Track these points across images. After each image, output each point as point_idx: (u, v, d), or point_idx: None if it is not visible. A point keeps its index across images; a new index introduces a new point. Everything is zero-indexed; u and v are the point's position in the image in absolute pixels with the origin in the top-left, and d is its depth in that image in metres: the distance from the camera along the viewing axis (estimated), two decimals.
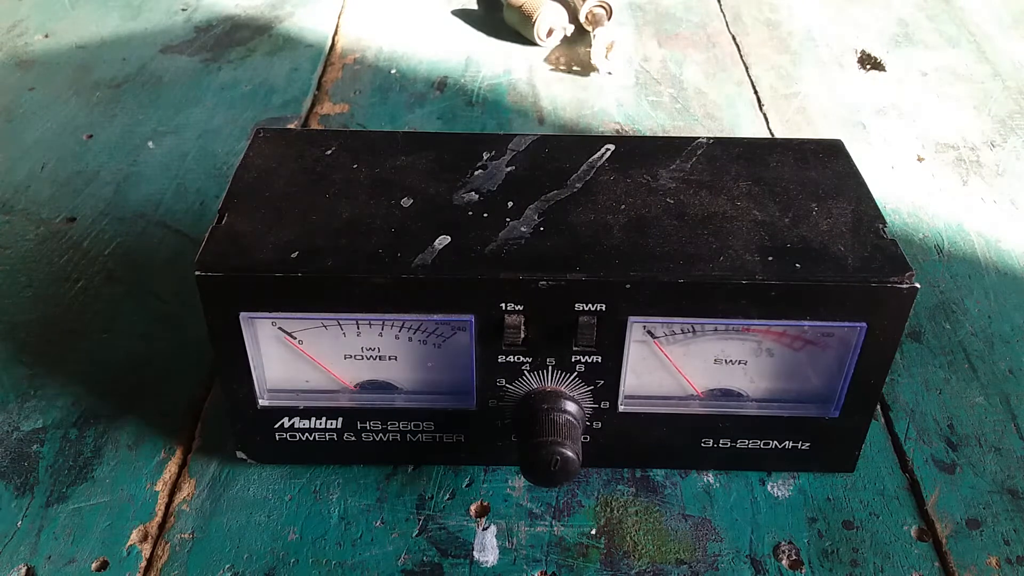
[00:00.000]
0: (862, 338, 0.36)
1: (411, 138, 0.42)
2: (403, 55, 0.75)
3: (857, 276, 0.35)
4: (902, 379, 0.47)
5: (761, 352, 0.38)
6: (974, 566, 0.38)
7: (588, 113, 0.68)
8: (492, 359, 0.37)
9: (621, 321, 0.36)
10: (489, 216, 0.37)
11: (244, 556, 0.38)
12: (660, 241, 0.36)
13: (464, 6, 0.82)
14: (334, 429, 0.40)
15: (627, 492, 0.41)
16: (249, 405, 0.39)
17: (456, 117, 0.67)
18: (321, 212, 0.37)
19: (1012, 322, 0.50)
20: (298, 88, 0.70)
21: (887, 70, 0.73)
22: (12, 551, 0.38)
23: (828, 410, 0.39)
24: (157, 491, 0.41)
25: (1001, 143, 0.65)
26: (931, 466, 0.42)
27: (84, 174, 0.61)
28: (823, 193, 0.39)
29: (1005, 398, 0.46)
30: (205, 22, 0.79)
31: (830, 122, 0.67)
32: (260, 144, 0.42)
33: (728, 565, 0.38)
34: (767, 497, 0.41)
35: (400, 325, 0.37)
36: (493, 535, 0.39)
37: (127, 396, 0.45)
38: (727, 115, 0.67)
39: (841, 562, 0.38)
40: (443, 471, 0.42)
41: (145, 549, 0.39)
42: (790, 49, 0.76)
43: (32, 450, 0.43)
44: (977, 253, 0.55)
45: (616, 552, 0.39)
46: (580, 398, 0.38)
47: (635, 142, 0.42)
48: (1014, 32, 0.79)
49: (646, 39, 0.78)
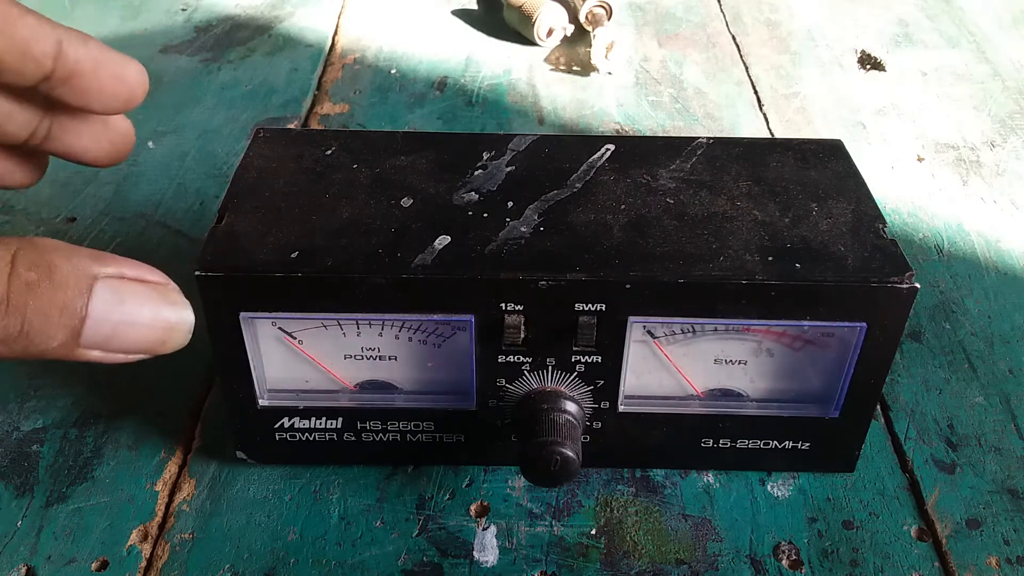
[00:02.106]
0: (862, 338, 0.36)
1: (411, 138, 0.42)
2: (403, 55, 0.75)
3: (857, 276, 0.35)
4: (902, 379, 0.47)
5: (761, 352, 0.38)
6: (974, 566, 0.38)
7: (588, 113, 0.68)
8: (492, 359, 0.37)
9: (621, 321, 0.36)
10: (489, 216, 0.37)
11: (244, 556, 0.38)
12: (660, 241, 0.36)
13: (464, 6, 0.82)
14: (334, 429, 0.40)
15: (627, 492, 0.41)
16: (249, 405, 0.39)
17: (456, 117, 0.67)
18: (321, 212, 0.37)
19: (1012, 322, 0.50)
20: (298, 88, 0.70)
21: (887, 70, 0.73)
22: (12, 551, 0.38)
23: (828, 410, 0.39)
24: (157, 491, 0.41)
25: (1001, 143, 0.65)
26: (931, 466, 0.42)
27: (84, 174, 0.61)
28: (823, 193, 0.39)
29: (1005, 398, 0.46)
30: (205, 22, 0.79)
31: (830, 122, 0.67)
32: (260, 144, 0.42)
33: (728, 565, 0.38)
34: (767, 497, 0.41)
35: (400, 325, 0.37)
36: (493, 535, 0.39)
37: (127, 396, 0.45)
38: (727, 115, 0.67)
39: (841, 562, 0.38)
40: (443, 471, 0.42)
41: (145, 549, 0.39)
42: (790, 49, 0.76)
43: (32, 450, 0.43)
44: (977, 253, 0.55)
45: (616, 552, 0.39)
46: (580, 398, 0.38)
47: (635, 142, 0.42)
48: (1014, 32, 0.79)
49: (646, 39, 0.78)
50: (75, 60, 0.37)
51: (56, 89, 0.38)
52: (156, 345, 0.33)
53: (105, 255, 0.32)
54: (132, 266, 0.32)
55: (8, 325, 0.30)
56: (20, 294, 0.30)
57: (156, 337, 0.33)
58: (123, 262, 0.32)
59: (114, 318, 0.32)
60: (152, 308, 0.33)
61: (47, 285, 0.30)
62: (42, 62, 0.37)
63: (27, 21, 0.36)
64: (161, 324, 0.33)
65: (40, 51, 0.36)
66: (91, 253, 0.32)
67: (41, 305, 0.30)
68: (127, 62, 0.39)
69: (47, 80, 0.38)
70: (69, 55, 0.37)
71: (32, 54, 0.36)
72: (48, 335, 0.30)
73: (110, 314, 0.31)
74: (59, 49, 0.37)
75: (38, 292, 0.30)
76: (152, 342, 0.33)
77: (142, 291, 0.32)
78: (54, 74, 0.37)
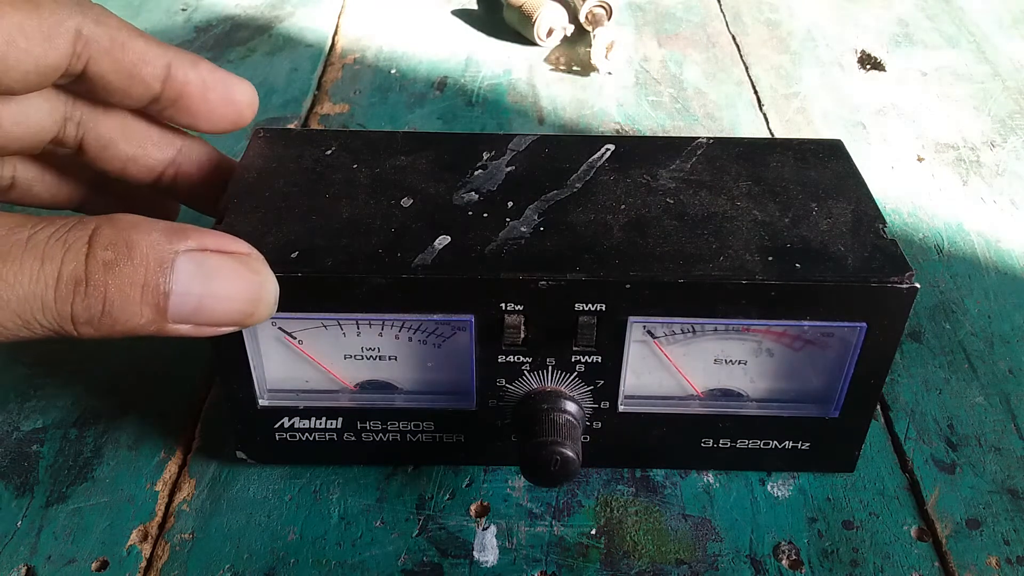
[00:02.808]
0: (862, 338, 0.36)
1: (411, 138, 0.42)
2: (403, 55, 0.75)
3: (857, 276, 0.35)
4: (902, 379, 0.47)
5: (761, 352, 0.38)
6: (974, 566, 0.38)
7: (588, 113, 0.68)
8: (492, 359, 0.37)
9: (621, 321, 0.36)
10: (489, 216, 0.37)
11: (244, 556, 0.38)
12: (660, 241, 0.36)
13: (464, 6, 0.82)
14: (334, 429, 0.40)
15: (627, 492, 0.41)
16: (249, 405, 0.39)
17: (456, 117, 0.67)
18: (321, 212, 0.37)
19: (1012, 322, 0.50)
20: (298, 88, 0.70)
21: (887, 70, 0.73)
22: (12, 551, 0.38)
23: (828, 410, 0.39)
24: (157, 491, 0.41)
25: (1001, 143, 0.65)
26: (931, 466, 0.42)
27: None
28: (823, 193, 0.39)
29: (1005, 398, 0.46)
30: (205, 22, 0.79)
31: (830, 122, 0.67)
32: (260, 144, 0.42)
33: (728, 565, 0.38)
34: (767, 497, 0.41)
35: (400, 325, 0.37)
36: (493, 535, 0.39)
37: (127, 396, 0.45)
38: (727, 115, 0.67)
39: (841, 562, 0.38)
40: (443, 471, 0.42)
41: (145, 549, 0.39)
42: (790, 49, 0.76)
43: (32, 450, 0.43)
44: (977, 253, 0.55)
45: (616, 552, 0.39)
46: (580, 398, 0.38)
47: (635, 142, 0.42)
48: (1014, 32, 0.79)
49: (646, 39, 0.78)
50: (183, 82, 0.38)
51: (166, 110, 0.39)
52: (243, 317, 0.33)
53: (187, 227, 0.32)
54: (214, 237, 0.32)
55: (90, 305, 0.30)
56: (98, 274, 0.30)
57: (243, 309, 0.33)
58: (205, 233, 0.32)
59: (198, 291, 0.31)
60: (237, 279, 0.32)
61: (126, 263, 0.30)
62: (151, 84, 0.38)
63: (137, 44, 0.36)
64: (247, 295, 0.33)
65: (149, 73, 0.37)
66: (171, 226, 0.31)
67: (121, 284, 0.30)
68: (236, 83, 0.40)
69: (156, 101, 0.38)
70: (178, 77, 0.38)
71: (140, 76, 0.37)
72: (132, 312, 0.30)
73: (194, 288, 0.31)
74: (168, 72, 0.38)
75: (116, 271, 0.30)
76: (239, 314, 0.33)
77: (225, 263, 0.32)
78: (163, 95, 0.38)
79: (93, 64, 0.35)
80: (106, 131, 0.39)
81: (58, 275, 0.29)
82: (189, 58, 0.38)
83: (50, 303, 0.29)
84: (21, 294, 0.29)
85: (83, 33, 0.34)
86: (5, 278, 0.28)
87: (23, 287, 0.29)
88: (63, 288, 0.29)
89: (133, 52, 0.36)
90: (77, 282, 0.29)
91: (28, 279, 0.29)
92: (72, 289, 0.29)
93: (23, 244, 0.29)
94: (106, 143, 0.39)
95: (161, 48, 0.37)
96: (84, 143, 0.39)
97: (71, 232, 0.30)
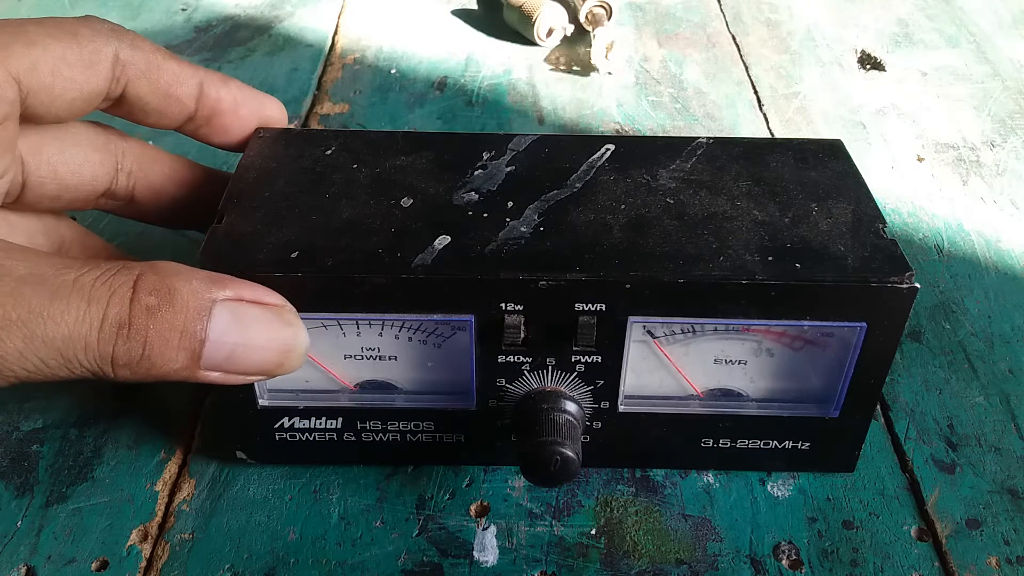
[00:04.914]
0: (862, 338, 0.36)
1: (411, 138, 0.42)
2: (403, 55, 0.75)
3: (857, 276, 0.35)
4: (902, 379, 0.47)
5: (761, 352, 0.38)
6: (974, 566, 0.38)
7: (588, 113, 0.68)
8: (492, 359, 0.37)
9: (621, 321, 0.36)
10: (489, 216, 0.37)
11: (244, 556, 0.38)
12: (660, 241, 0.36)
13: (464, 6, 0.82)
14: (334, 429, 0.40)
15: (627, 492, 0.41)
16: (249, 405, 0.39)
17: (456, 117, 0.67)
18: (321, 212, 0.37)
19: (1012, 322, 0.50)
20: (298, 88, 0.70)
21: (887, 70, 0.73)
22: (12, 551, 0.38)
23: (828, 410, 0.39)
24: (157, 491, 0.41)
25: (1001, 143, 0.65)
26: (931, 466, 0.42)
27: None
28: (823, 193, 0.39)
29: (1005, 398, 0.46)
30: (205, 22, 0.79)
31: (830, 122, 0.67)
32: (260, 144, 0.42)
33: (728, 565, 0.38)
34: (767, 497, 0.41)
35: (400, 325, 0.37)
36: (493, 535, 0.39)
37: (127, 396, 0.45)
38: (727, 115, 0.67)
39: (841, 562, 0.38)
40: (443, 471, 0.42)
41: (145, 549, 0.39)
42: (790, 49, 0.76)
43: (32, 450, 0.43)
44: (977, 253, 0.55)
45: (616, 552, 0.39)
46: (580, 398, 0.38)
47: (635, 142, 0.42)
48: (1014, 32, 0.79)
49: (646, 39, 0.78)
50: (216, 99, 0.40)
51: (200, 128, 0.40)
52: (273, 367, 0.34)
53: (225, 278, 0.33)
54: (250, 288, 0.33)
55: (131, 349, 0.30)
56: (141, 319, 0.30)
57: (273, 359, 0.34)
58: (241, 284, 0.33)
59: (232, 340, 0.32)
60: (269, 330, 0.33)
61: (167, 309, 0.31)
62: (185, 103, 0.39)
63: (170, 65, 0.38)
64: (278, 346, 0.33)
65: (184, 92, 0.39)
66: (210, 276, 0.32)
67: (161, 329, 0.31)
68: (265, 100, 0.42)
69: (191, 120, 0.39)
70: (210, 95, 0.40)
71: (176, 95, 0.39)
72: (169, 358, 0.31)
73: (228, 336, 0.32)
74: (200, 91, 0.39)
75: (158, 316, 0.31)
76: (270, 364, 0.34)
77: (259, 313, 0.33)
78: (197, 114, 0.40)
79: (131, 87, 0.37)
80: (156, 179, 0.41)
81: (103, 317, 0.30)
82: (219, 77, 0.40)
83: (93, 344, 0.30)
84: (66, 333, 0.29)
85: (120, 58, 0.36)
86: (52, 316, 0.29)
87: (69, 327, 0.29)
88: (107, 330, 0.30)
89: (168, 73, 0.38)
90: (121, 325, 0.30)
91: (74, 319, 0.29)
92: (116, 332, 0.30)
93: (70, 285, 0.30)
94: (157, 190, 0.42)
95: (192, 68, 0.39)
96: (136, 192, 0.41)
97: (116, 276, 0.31)
